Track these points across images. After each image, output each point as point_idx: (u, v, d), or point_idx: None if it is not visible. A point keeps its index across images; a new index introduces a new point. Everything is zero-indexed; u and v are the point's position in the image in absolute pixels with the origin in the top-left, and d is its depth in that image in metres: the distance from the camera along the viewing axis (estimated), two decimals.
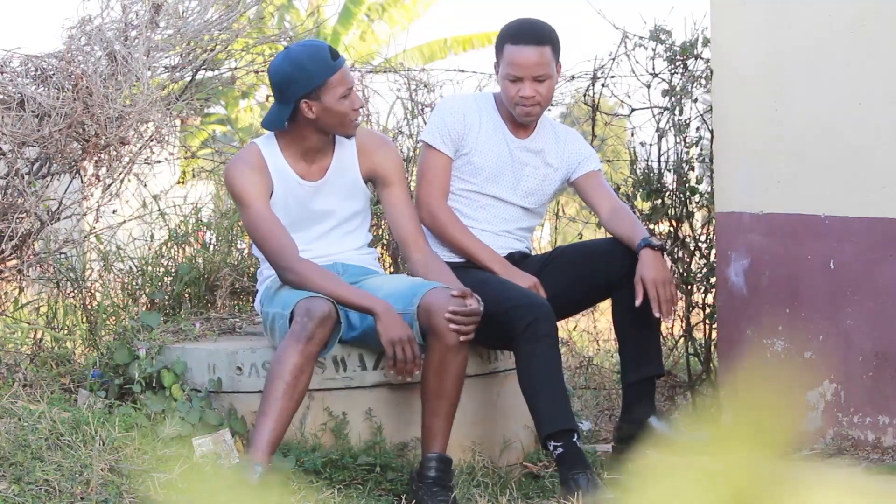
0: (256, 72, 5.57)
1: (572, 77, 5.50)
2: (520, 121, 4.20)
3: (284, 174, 3.94)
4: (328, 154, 3.98)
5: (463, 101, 4.25)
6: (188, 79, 4.91)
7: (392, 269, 5.10)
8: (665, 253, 4.19)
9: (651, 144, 5.33)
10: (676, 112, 5.26)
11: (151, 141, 4.54)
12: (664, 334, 5.25)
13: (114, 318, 4.65)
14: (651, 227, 5.29)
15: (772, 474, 1.40)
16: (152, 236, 5.01)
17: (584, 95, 5.53)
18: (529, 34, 4.12)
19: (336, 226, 4.02)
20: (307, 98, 3.84)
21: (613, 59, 5.40)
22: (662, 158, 5.32)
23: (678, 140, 5.28)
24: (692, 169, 5.28)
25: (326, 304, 3.67)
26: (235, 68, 5.37)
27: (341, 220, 4.02)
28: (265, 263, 3.99)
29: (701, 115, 5.24)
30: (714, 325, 5.17)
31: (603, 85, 5.47)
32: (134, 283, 4.83)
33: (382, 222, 5.09)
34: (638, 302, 3.96)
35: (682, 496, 1.37)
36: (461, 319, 3.72)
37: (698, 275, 5.32)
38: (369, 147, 4.02)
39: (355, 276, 3.97)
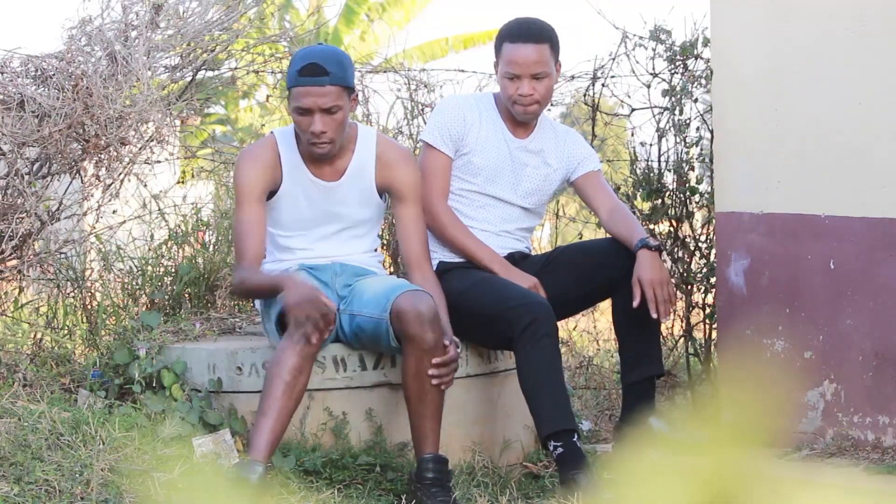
0: (257, 72, 5.58)
1: (572, 77, 5.50)
2: (519, 119, 4.20)
3: (297, 170, 3.92)
4: (346, 157, 3.95)
5: (463, 101, 4.25)
6: (188, 79, 4.91)
7: (392, 269, 5.10)
8: (662, 253, 4.19)
9: (651, 144, 5.34)
10: (676, 112, 5.26)
11: (151, 141, 4.54)
12: (664, 334, 5.25)
13: (114, 318, 4.65)
14: (651, 227, 5.29)
15: (769, 473, 1.40)
16: (152, 236, 5.01)
17: (584, 95, 5.53)
18: (527, 32, 4.13)
19: (342, 229, 4.00)
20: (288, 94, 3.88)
21: (613, 59, 5.40)
22: (662, 158, 5.32)
23: (678, 140, 5.28)
24: (692, 169, 5.28)
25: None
26: (236, 68, 5.38)
27: (349, 224, 4.00)
28: (265, 263, 3.99)
29: (701, 115, 5.24)
30: (714, 325, 5.17)
31: (603, 85, 5.47)
32: (134, 283, 4.83)
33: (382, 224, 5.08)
34: (635, 303, 3.96)
35: (680, 496, 1.37)
36: (443, 371, 3.74)
37: (698, 275, 5.32)
38: (389, 159, 3.98)
39: (351, 277, 3.96)
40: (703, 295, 5.32)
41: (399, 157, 4.00)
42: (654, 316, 3.98)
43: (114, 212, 4.71)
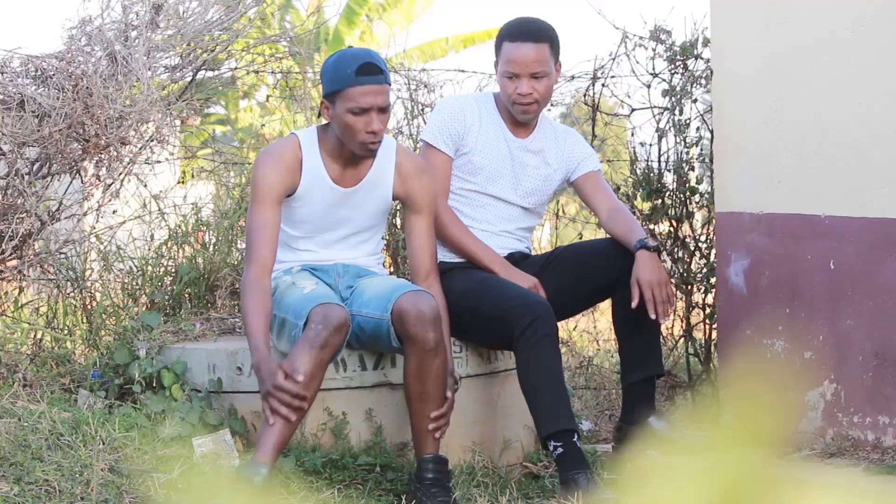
0: (257, 72, 5.58)
1: (572, 77, 5.51)
2: (518, 118, 4.20)
3: (317, 173, 3.89)
4: (366, 164, 3.92)
5: (463, 101, 4.25)
6: (188, 79, 4.91)
7: (392, 269, 5.10)
8: (661, 254, 4.19)
9: (651, 144, 5.34)
10: (676, 112, 5.26)
11: (151, 141, 4.54)
12: (664, 334, 5.25)
13: (114, 318, 4.65)
14: (651, 227, 5.30)
15: (770, 474, 1.40)
16: (152, 236, 5.01)
17: (584, 95, 5.53)
18: (527, 32, 4.13)
19: (349, 235, 3.99)
20: (326, 99, 3.83)
21: (613, 59, 5.41)
22: (662, 158, 5.32)
23: (678, 140, 5.29)
24: (692, 169, 5.29)
25: (343, 311, 3.66)
26: (236, 68, 5.38)
27: (356, 230, 3.99)
28: None
29: (701, 115, 5.25)
30: (714, 325, 5.18)
31: (603, 85, 5.47)
32: (134, 283, 4.83)
33: None
34: (634, 304, 3.96)
35: (680, 496, 1.37)
36: (440, 423, 3.77)
37: (698, 275, 5.32)
38: (409, 171, 3.96)
39: (354, 278, 3.95)
40: (703, 295, 5.32)
41: (419, 170, 3.99)
42: (653, 317, 3.98)
43: (114, 212, 4.71)
